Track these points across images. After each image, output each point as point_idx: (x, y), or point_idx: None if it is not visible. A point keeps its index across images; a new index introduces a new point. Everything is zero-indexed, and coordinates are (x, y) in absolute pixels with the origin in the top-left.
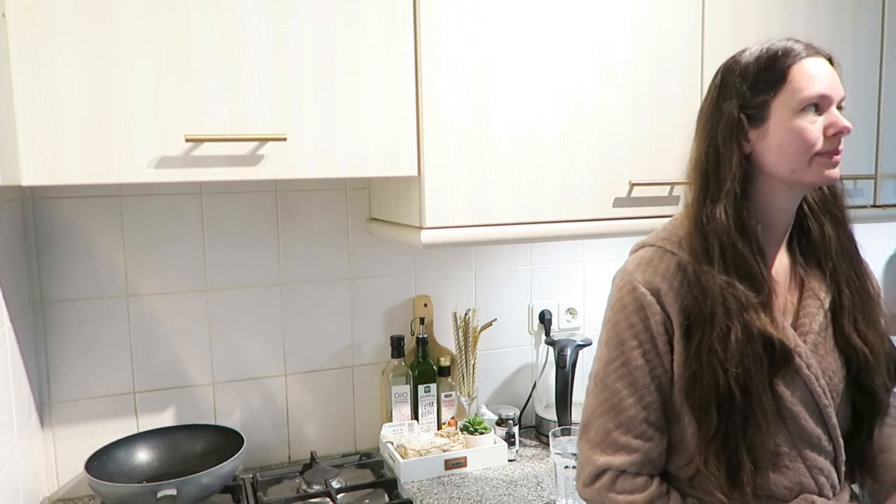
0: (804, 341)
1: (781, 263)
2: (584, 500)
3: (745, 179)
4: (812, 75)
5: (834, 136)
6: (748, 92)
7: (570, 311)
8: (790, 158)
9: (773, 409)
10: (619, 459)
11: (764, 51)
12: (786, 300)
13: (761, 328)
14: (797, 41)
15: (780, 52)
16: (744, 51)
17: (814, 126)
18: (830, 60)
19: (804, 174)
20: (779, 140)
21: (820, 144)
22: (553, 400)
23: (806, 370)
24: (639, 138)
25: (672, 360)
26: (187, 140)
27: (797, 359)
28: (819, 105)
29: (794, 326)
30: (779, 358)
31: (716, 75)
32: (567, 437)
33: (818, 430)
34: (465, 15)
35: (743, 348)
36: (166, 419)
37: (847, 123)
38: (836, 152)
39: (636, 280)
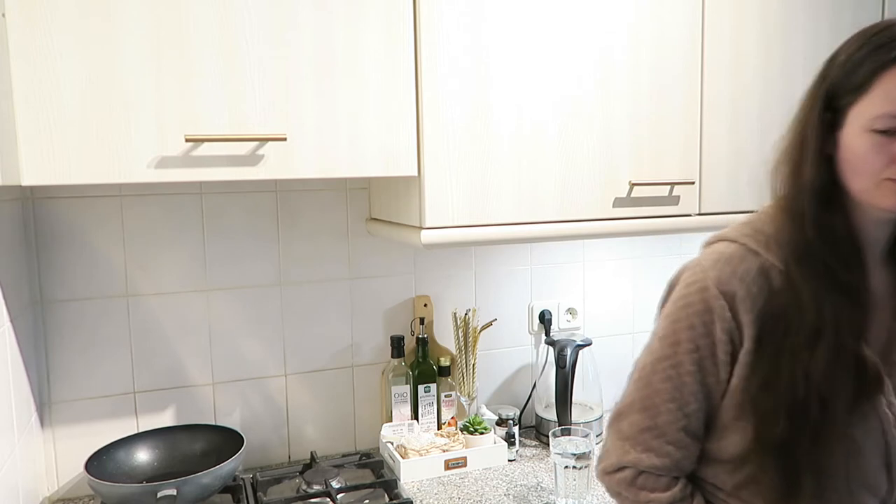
0: (889, 375)
1: (880, 282)
2: (602, 483)
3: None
4: None
5: None
6: (838, 89)
7: (570, 311)
8: (857, 177)
9: (847, 437)
10: (647, 461)
11: (861, 39)
12: (880, 324)
13: (854, 347)
14: None
15: (873, 48)
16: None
17: (885, 147)
18: None
19: (872, 197)
20: (847, 154)
21: (890, 170)
22: (553, 400)
23: (885, 407)
24: (639, 138)
25: (730, 371)
26: (187, 140)
27: (881, 390)
28: None
29: (881, 355)
30: (870, 382)
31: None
32: (567, 437)
33: (881, 473)
34: (466, 14)
35: (832, 360)
36: (166, 419)
37: None
38: None
39: (710, 279)
